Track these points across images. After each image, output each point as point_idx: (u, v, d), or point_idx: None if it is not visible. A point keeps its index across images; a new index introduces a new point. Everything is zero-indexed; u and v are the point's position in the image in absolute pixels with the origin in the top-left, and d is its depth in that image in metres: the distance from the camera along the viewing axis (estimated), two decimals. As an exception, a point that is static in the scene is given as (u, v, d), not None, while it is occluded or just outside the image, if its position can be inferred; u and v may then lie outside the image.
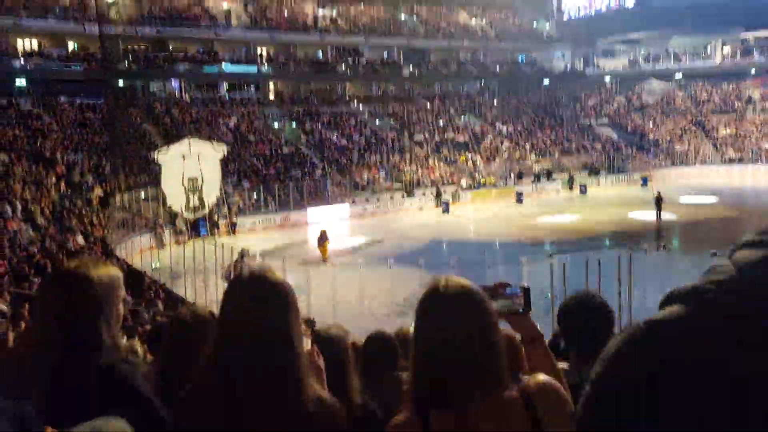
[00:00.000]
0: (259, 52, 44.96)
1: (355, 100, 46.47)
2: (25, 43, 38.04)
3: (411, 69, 50.09)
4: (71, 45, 38.99)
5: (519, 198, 36.41)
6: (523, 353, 2.21)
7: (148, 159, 30.32)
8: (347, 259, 23.52)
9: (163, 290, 17.06)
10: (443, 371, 1.50)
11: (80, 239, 21.33)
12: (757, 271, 0.75)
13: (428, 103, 47.97)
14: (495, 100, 51.63)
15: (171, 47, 41.61)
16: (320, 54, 47.96)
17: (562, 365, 2.51)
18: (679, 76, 55.37)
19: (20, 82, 35.90)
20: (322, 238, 24.27)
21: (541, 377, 1.67)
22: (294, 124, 40.73)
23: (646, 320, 0.81)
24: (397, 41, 50.25)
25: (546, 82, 55.77)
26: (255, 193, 32.26)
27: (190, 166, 27.74)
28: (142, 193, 27.91)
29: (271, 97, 44.89)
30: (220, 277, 17.56)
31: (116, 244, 23.40)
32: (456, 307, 1.53)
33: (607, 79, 57.68)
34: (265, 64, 44.44)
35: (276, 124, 40.30)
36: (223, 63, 42.39)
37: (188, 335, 2.22)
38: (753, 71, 52.32)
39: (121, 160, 30.56)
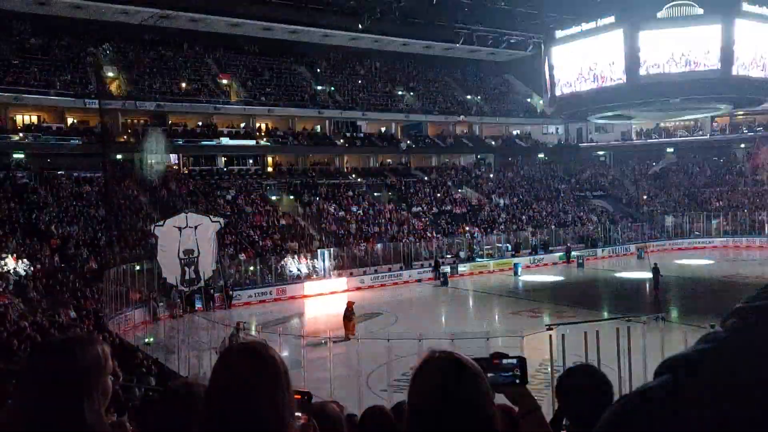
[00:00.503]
0: (257, 125, 45.84)
1: (353, 173, 47.09)
2: (24, 118, 38.71)
3: (408, 142, 51.00)
4: (70, 119, 39.69)
5: (516, 270, 36.36)
6: (520, 426, 2.16)
7: (144, 232, 30.37)
8: (345, 332, 23.17)
9: (156, 365, 16.69)
10: None
11: (72, 313, 21.06)
12: (743, 339, 0.77)
13: (425, 176, 48.65)
14: (491, 173, 52.42)
15: (170, 121, 42.40)
16: (318, 127, 48.92)
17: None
18: (670, 149, 56.58)
19: (18, 155, 36.21)
20: (349, 312, 22.23)
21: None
22: (291, 196, 41.05)
23: (635, 391, 0.82)
24: (395, 115, 51.40)
25: (541, 155, 56.82)
26: (251, 265, 32.15)
27: (186, 239, 27.75)
28: (137, 266, 27.77)
29: (269, 169, 45.44)
30: (215, 351, 17.24)
31: (109, 318, 23.10)
32: (449, 381, 1.49)
33: (601, 153, 58.89)
34: (264, 137, 45.21)
35: (273, 197, 40.62)
36: (221, 137, 43.09)
37: (179, 409, 2.14)
38: (742, 146, 53.50)
39: (117, 233, 30.58)
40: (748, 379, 0.73)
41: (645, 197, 51.31)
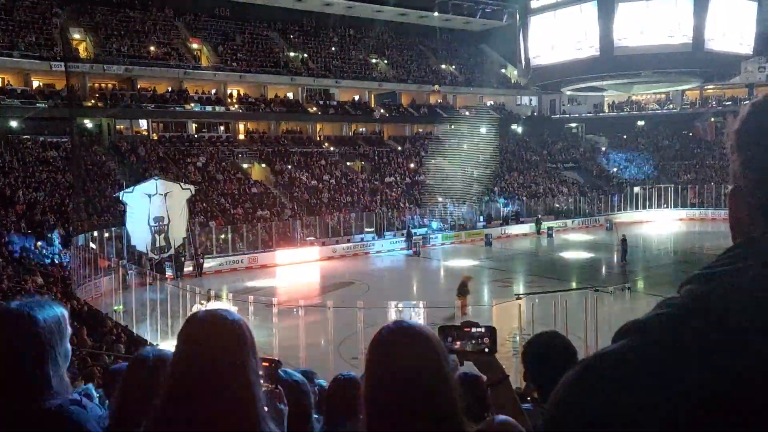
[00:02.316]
0: (228, 92, 45.08)
1: (326, 141, 46.74)
2: (-12, 80, 37.57)
3: (382, 111, 50.67)
4: (35, 82, 38.56)
5: (488, 240, 36.71)
6: (488, 394, 2.18)
7: (113, 198, 29.87)
8: (316, 301, 23.25)
9: (125, 333, 16.58)
10: (393, 415, 1.45)
11: (39, 279, 20.74)
12: (697, 304, 0.79)
13: (399, 146, 48.49)
14: (465, 144, 52.43)
15: (139, 86, 41.46)
16: (291, 95, 48.29)
17: (527, 406, 2.47)
18: (641, 122, 57.26)
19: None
20: (464, 287, 20.21)
21: (501, 418, 1.63)
22: (263, 164, 40.65)
23: (592, 355, 0.83)
24: (368, 84, 50.93)
25: (514, 126, 56.99)
26: (222, 233, 31.90)
27: (156, 206, 27.37)
28: (106, 233, 27.35)
29: (241, 136, 44.86)
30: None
31: (77, 285, 22.80)
32: (404, 350, 1.48)
33: (573, 125, 59.30)
34: (235, 104, 44.51)
35: (245, 164, 40.18)
36: (192, 102, 42.31)
37: (148, 374, 2.12)
38: (712, 119, 54.32)
39: (85, 199, 30.03)
40: (701, 343, 0.75)
41: (615, 170, 51.97)
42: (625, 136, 56.98)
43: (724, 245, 0.89)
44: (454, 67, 57.29)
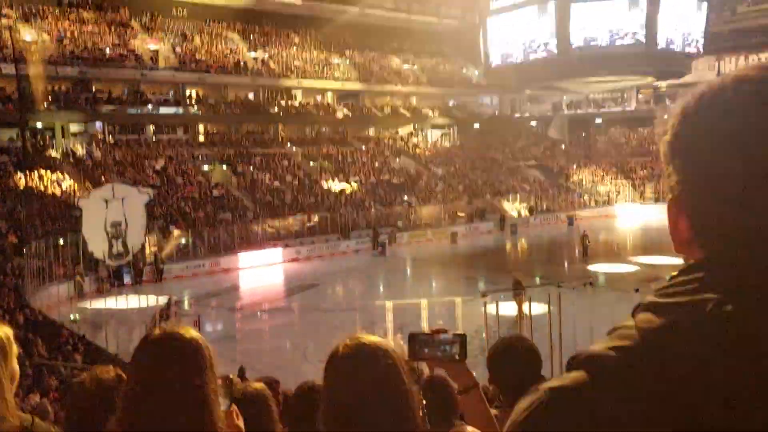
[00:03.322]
0: (187, 93, 44.35)
1: (289, 142, 46.40)
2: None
3: (345, 111, 50.54)
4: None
5: (453, 238, 36.98)
6: (458, 401, 2.15)
7: (68, 204, 29.11)
8: (281, 304, 23.04)
9: (82, 343, 16.12)
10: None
11: (-9, 289, 20.06)
12: (658, 339, 0.75)
13: (363, 146, 48.46)
14: (428, 143, 52.74)
15: (94, 88, 40.46)
16: (252, 95, 47.79)
17: (494, 411, 2.45)
18: (599, 120, 58.45)
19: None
20: (519, 285, 18.84)
21: (467, 428, 1.59)
22: (224, 166, 40.11)
23: (547, 386, 0.80)
24: (331, 84, 50.76)
25: (476, 125, 57.52)
26: (183, 237, 31.36)
27: (113, 211, 26.72)
28: (60, 239, 26.58)
29: (201, 138, 44.20)
30: (146, 326, 16.80)
31: (31, 294, 22.13)
32: (362, 368, 1.43)
33: (533, 123, 60.22)
34: (194, 105, 43.83)
35: (206, 167, 39.59)
36: (149, 104, 41.50)
37: (92, 403, 2.04)
38: (666, 117, 55.69)
39: (38, 205, 29.17)
40: (657, 383, 0.72)
41: (575, 167, 52.90)
42: (584, 134, 58.08)
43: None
44: (416, 67, 57.52)
